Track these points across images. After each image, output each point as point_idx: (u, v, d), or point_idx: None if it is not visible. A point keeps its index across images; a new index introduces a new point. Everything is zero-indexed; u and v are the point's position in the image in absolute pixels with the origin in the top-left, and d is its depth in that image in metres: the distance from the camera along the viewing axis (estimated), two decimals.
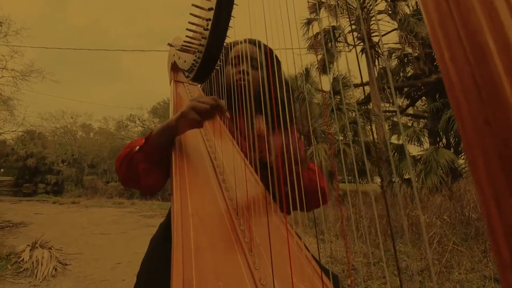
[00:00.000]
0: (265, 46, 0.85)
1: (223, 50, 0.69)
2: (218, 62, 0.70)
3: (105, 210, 7.22)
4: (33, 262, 2.48)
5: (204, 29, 0.65)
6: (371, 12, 9.04)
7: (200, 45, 0.67)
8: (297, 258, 0.52)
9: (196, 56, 0.69)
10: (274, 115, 0.64)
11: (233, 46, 0.86)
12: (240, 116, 0.75)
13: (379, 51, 9.11)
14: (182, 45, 0.75)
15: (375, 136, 8.51)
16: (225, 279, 0.45)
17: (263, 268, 0.49)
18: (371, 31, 9.00)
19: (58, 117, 22.26)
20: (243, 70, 0.80)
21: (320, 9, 8.50)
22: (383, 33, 9.53)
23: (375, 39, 9.03)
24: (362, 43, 8.83)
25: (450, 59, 0.19)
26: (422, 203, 4.27)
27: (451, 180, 6.02)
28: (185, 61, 0.77)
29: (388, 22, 9.42)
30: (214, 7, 0.62)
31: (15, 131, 17.43)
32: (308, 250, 0.56)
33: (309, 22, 9.11)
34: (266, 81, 0.71)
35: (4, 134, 17.52)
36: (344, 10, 9.03)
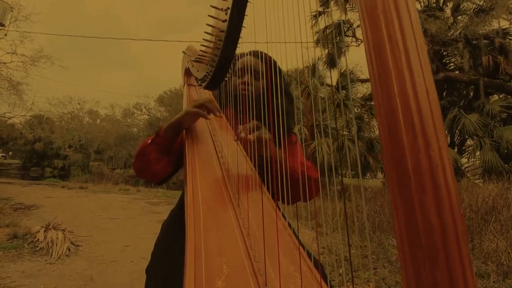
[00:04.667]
0: (268, 57, 0.95)
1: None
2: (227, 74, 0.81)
3: (112, 196, 7.44)
4: (48, 242, 2.66)
5: (217, 47, 0.76)
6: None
7: (212, 60, 0.78)
8: (283, 237, 0.64)
9: (209, 67, 0.81)
10: (271, 120, 0.73)
11: (239, 58, 0.96)
12: (244, 119, 0.88)
13: None
14: (196, 56, 0.86)
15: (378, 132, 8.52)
16: (227, 256, 0.58)
17: (258, 249, 0.61)
18: None
19: (66, 102, 22.48)
20: (246, 81, 0.91)
21: (329, 2, 8.42)
22: None
23: None
24: None
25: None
26: None
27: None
28: (198, 70, 0.89)
29: None
30: (226, 27, 0.73)
31: (24, 115, 17.70)
32: (297, 236, 0.68)
33: (317, 16, 9.06)
34: (265, 90, 0.85)
35: (13, 118, 17.81)
36: (354, 4, 8.95)
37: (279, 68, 0.96)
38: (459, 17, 9.00)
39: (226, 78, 0.81)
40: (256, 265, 0.57)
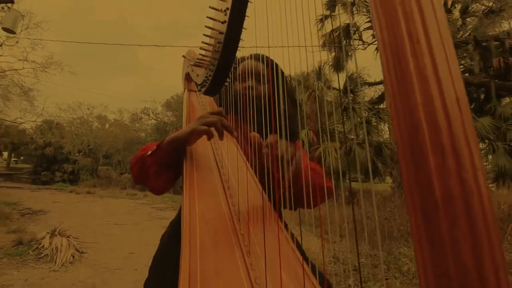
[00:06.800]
0: (270, 60, 0.91)
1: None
2: (227, 78, 0.77)
3: (120, 201, 7.46)
4: (52, 249, 2.65)
5: (216, 50, 0.72)
6: None
7: (211, 64, 0.74)
8: (289, 259, 0.59)
9: (208, 72, 0.77)
10: (273, 124, 0.69)
11: (241, 62, 0.92)
12: (244, 125, 0.84)
13: None
14: (196, 61, 0.82)
15: (387, 135, 8.41)
16: (224, 277, 0.53)
17: (259, 269, 0.56)
18: None
19: (75, 108, 22.79)
20: (249, 86, 0.86)
21: (335, 6, 8.39)
22: None
23: None
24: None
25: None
26: None
27: None
28: (198, 75, 0.85)
29: None
30: (225, 28, 0.69)
31: (35, 121, 18.09)
32: (303, 253, 0.63)
33: (323, 19, 9.01)
34: (269, 95, 0.79)
35: (25, 124, 18.19)
36: (361, 7, 8.89)
37: (282, 71, 0.92)
38: (468, 19, 8.85)
39: (226, 83, 0.77)
40: (257, 287, 0.52)
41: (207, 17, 0.71)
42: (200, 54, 0.78)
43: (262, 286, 0.52)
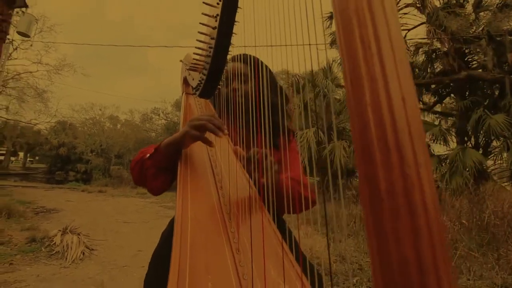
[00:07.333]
0: (253, 58, 0.91)
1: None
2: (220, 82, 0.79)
3: (130, 200, 7.60)
4: (63, 246, 2.73)
5: (208, 55, 0.74)
6: (398, 4, 8.70)
7: (204, 68, 0.77)
8: (277, 255, 0.61)
9: (201, 76, 0.79)
10: (255, 123, 0.70)
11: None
12: (233, 126, 0.86)
13: (405, 46, 8.74)
14: (191, 65, 0.85)
15: None
16: (213, 272, 0.55)
17: (247, 265, 0.58)
18: None
19: (88, 109, 23.28)
20: (234, 88, 0.89)
21: None
22: (410, 27, 9.18)
23: (401, 34, 8.69)
24: None
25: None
26: (442, 205, 4.17)
27: (477, 183, 5.78)
28: (193, 79, 0.87)
29: (415, 15, 9.05)
30: (215, 34, 0.71)
31: (49, 122, 18.60)
32: (296, 249, 0.64)
33: (331, 17, 8.94)
34: (253, 93, 0.81)
35: (39, 125, 18.74)
36: None
37: (266, 67, 0.92)
38: (481, 13, 8.62)
39: (219, 86, 0.79)
40: (244, 282, 0.54)
41: (200, 23, 0.74)
42: (194, 59, 0.80)
43: (249, 282, 0.54)
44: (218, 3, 0.68)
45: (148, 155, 0.81)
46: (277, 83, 0.92)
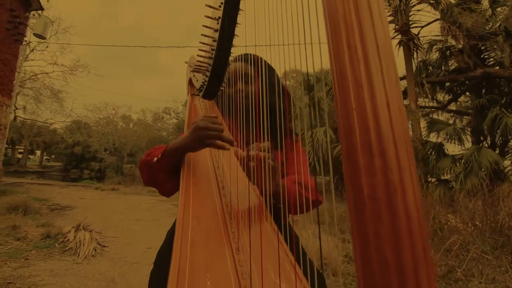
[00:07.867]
0: (256, 58, 0.90)
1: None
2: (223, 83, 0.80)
3: (141, 198, 7.72)
4: (76, 243, 2.81)
5: (210, 57, 0.75)
6: (411, 1, 8.51)
7: (207, 69, 0.78)
8: (277, 257, 0.61)
9: (204, 77, 0.80)
10: (258, 124, 0.70)
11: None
12: (236, 126, 0.87)
13: (418, 43, 8.55)
14: (194, 66, 0.86)
15: (411, 133, 8.13)
16: (212, 271, 0.56)
17: (247, 265, 0.58)
18: (410, 22, 8.49)
19: (101, 108, 23.74)
20: (237, 89, 0.89)
21: None
22: (424, 24, 8.97)
23: (415, 31, 8.52)
24: (399, 35, 8.34)
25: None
26: (454, 206, 4.07)
27: (492, 183, 5.61)
28: (197, 80, 0.89)
29: (429, 12, 8.83)
30: (217, 36, 0.72)
31: (64, 121, 19.12)
32: (298, 250, 0.65)
33: None
34: (255, 93, 0.80)
35: (55, 124, 19.29)
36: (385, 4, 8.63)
37: (270, 67, 0.90)
38: (498, 9, 8.35)
39: (222, 87, 0.80)
40: (243, 282, 0.55)
41: (203, 25, 0.75)
42: (197, 61, 0.82)
43: (248, 281, 0.55)
44: (220, 6, 0.69)
45: (155, 159, 0.81)
46: (280, 83, 0.91)
